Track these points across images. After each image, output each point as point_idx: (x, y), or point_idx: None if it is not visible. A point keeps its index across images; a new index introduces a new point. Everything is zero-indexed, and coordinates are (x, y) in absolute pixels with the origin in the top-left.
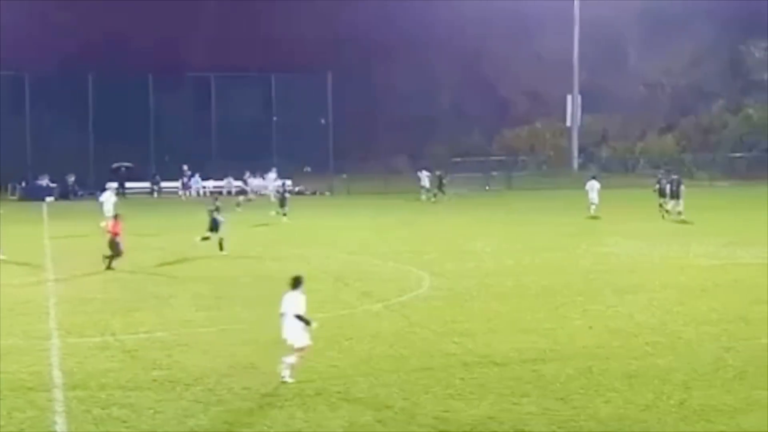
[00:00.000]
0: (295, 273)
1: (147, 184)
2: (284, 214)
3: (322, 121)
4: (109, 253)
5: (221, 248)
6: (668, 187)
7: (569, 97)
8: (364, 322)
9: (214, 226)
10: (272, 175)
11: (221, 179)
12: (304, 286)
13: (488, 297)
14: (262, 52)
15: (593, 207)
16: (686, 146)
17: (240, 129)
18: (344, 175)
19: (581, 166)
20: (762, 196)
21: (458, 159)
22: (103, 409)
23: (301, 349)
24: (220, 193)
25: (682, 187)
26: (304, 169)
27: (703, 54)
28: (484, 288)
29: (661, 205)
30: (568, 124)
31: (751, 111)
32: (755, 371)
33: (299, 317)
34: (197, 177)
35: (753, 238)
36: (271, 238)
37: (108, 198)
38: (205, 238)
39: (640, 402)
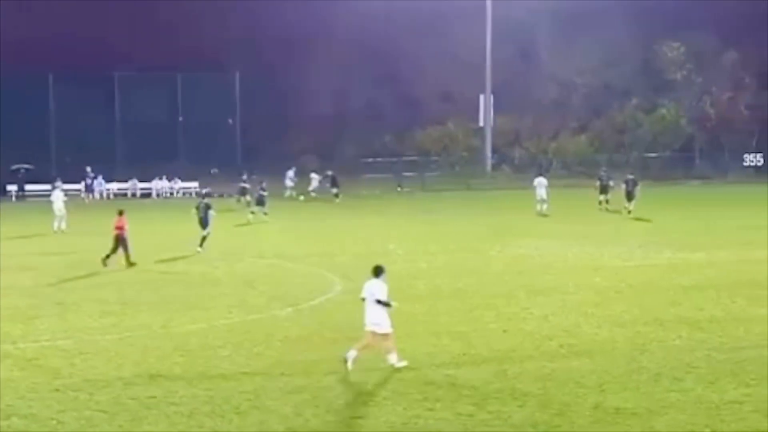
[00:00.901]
0: (377, 263)
1: (48, 186)
2: (265, 213)
3: (230, 121)
4: (108, 253)
5: (201, 244)
6: (624, 187)
7: (482, 97)
8: (274, 326)
9: (204, 223)
10: (291, 173)
11: (126, 181)
12: (385, 275)
13: (401, 300)
14: (168, 51)
15: (543, 205)
16: (600, 146)
17: (145, 129)
18: (253, 176)
19: (494, 167)
20: (675, 197)
21: (369, 159)
22: (3, 419)
23: (385, 335)
24: (207, 194)
25: (638, 187)
26: (211, 171)
27: (617, 53)
28: (397, 291)
29: (600, 202)
30: (481, 124)
31: (664, 111)
32: (669, 373)
33: (379, 302)
34: (100, 179)
35: (667, 239)
36: (182, 239)
37: (58, 197)
38: (204, 238)
39: (555, 405)
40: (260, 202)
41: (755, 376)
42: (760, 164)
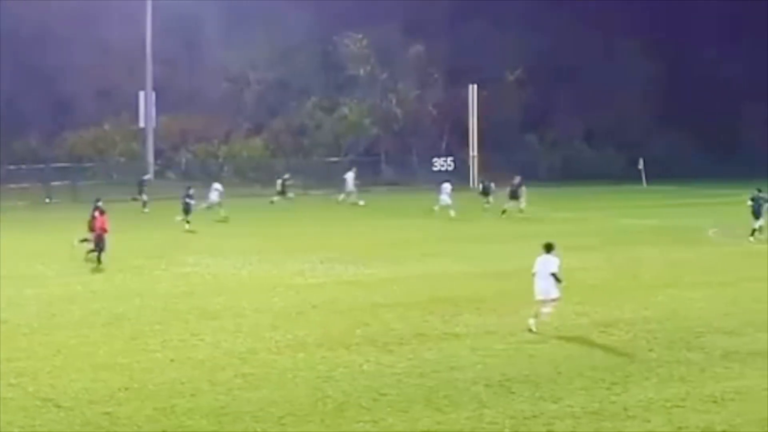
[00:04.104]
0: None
1: None
2: (189, 222)
3: None
4: (92, 247)
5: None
6: (509, 189)
7: (142, 95)
8: None
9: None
10: (351, 175)
11: None
12: (556, 251)
13: (52, 329)
14: None
15: (450, 210)
16: (276, 150)
17: None
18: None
19: (158, 174)
20: (361, 206)
21: (12, 167)
22: None
23: (554, 300)
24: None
25: (523, 188)
26: None
27: (293, 46)
28: (47, 318)
29: (486, 203)
30: (142, 125)
31: (346, 110)
32: (357, 401)
33: (554, 275)
34: None
35: (353, 253)
36: None
37: None
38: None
39: None
40: (185, 209)
41: (449, 402)
42: (450, 169)
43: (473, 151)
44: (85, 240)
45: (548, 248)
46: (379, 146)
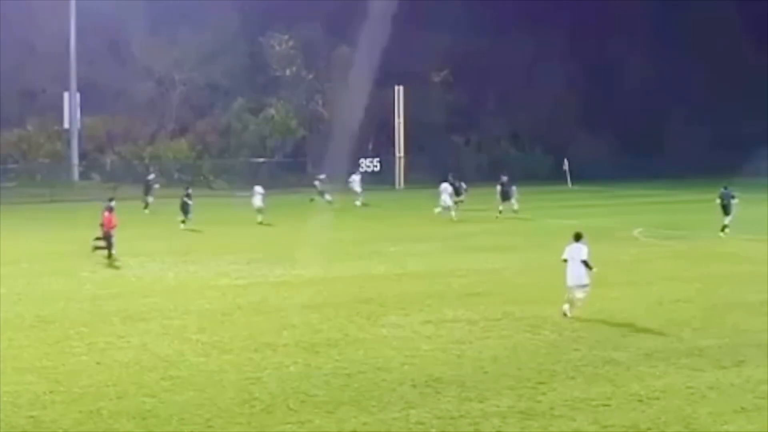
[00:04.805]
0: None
1: None
2: (184, 221)
3: None
4: (101, 243)
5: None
6: (500, 188)
7: (66, 95)
8: None
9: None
10: (356, 177)
11: None
12: (585, 239)
13: None
14: None
15: (450, 212)
16: (203, 151)
17: None
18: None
19: (82, 175)
20: (288, 207)
21: None
22: None
23: (585, 286)
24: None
25: (514, 188)
26: None
27: (219, 46)
28: None
29: (462, 201)
30: (66, 126)
31: (273, 111)
32: (284, 403)
33: (585, 263)
34: None
35: (277, 255)
36: None
37: None
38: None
39: None
40: (183, 209)
41: (376, 403)
42: (377, 170)
43: (399, 152)
44: (98, 239)
45: (577, 237)
46: (306, 147)
